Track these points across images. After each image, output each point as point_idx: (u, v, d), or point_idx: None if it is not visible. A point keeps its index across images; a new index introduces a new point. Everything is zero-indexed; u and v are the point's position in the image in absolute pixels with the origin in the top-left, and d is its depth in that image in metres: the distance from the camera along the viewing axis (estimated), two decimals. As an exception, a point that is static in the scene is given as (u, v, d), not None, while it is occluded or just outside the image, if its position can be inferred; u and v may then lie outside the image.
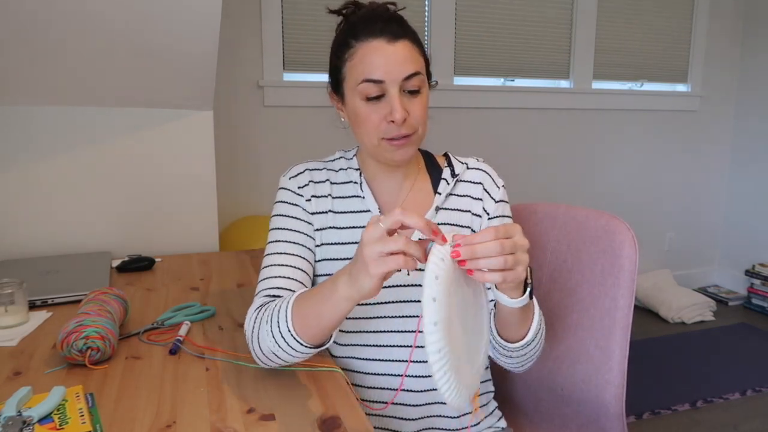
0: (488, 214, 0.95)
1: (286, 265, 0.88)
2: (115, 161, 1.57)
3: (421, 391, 0.91)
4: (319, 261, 0.93)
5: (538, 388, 1.08)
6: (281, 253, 0.90)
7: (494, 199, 0.96)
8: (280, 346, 0.76)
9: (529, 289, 0.74)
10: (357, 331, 0.91)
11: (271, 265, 0.89)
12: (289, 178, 0.96)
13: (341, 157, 0.99)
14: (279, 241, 0.91)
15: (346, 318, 0.91)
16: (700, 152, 3.41)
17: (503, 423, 1.01)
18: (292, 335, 0.75)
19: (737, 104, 3.43)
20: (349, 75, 0.86)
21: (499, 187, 0.97)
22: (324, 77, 0.94)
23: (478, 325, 0.69)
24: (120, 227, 1.59)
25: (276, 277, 0.87)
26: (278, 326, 0.76)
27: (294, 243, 0.91)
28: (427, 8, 2.64)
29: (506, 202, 0.98)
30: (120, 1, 1.28)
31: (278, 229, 0.93)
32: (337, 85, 0.89)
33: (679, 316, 2.98)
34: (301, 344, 0.75)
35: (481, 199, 0.95)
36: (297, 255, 0.90)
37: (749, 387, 2.31)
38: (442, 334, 0.56)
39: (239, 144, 2.43)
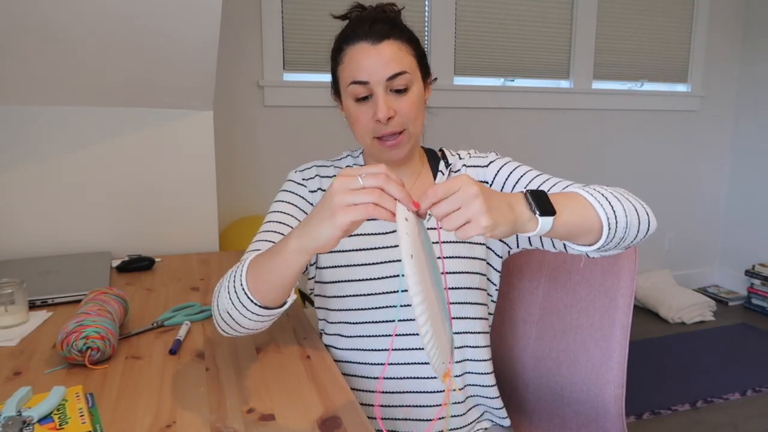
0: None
1: (271, 242, 0.88)
2: (115, 161, 1.57)
3: (437, 391, 0.92)
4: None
5: (537, 388, 1.08)
6: (269, 231, 0.90)
7: (489, 183, 0.96)
8: (233, 304, 0.74)
9: (538, 213, 0.66)
10: (361, 322, 0.92)
11: (256, 241, 0.89)
12: (296, 172, 0.99)
13: (348, 156, 1.02)
14: (271, 221, 0.92)
15: (348, 309, 0.92)
16: (700, 152, 3.41)
17: (507, 422, 1.01)
18: (244, 291, 0.73)
19: (737, 104, 3.43)
20: (341, 78, 0.89)
21: (487, 165, 0.97)
22: (324, 77, 0.97)
23: (440, 299, 0.65)
24: (120, 227, 1.59)
25: (256, 251, 0.86)
26: (233, 282, 0.75)
27: (285, 224, 0.92)
28: (427, 8, 2.64)
29: (502, 164, 0.97)
30: (121, 2, 1.28)
31: (274, 212, 0.95)
32: (335, 87, 0.93)
33: (679, 316, 2.98)
34: (252, 301, 0.73)
35: None
36: (283, 234, 0.89)
37: (749, 387, 2.31)
38: (417, 268, 0.54)
39: (239, 144, 2.43)
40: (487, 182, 0.97)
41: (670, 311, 3.00)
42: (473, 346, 0.95)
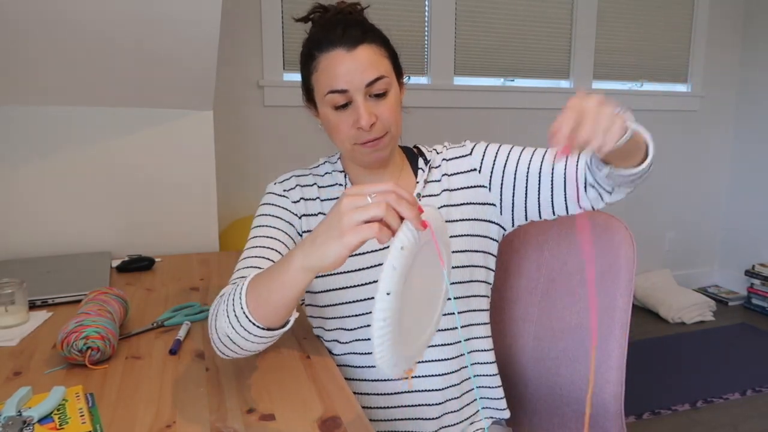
0: (489, 184, 0.95)
1: (262, 257, 0.87)
2: (115, 161, 1.57)
3: (436, 390, 0.92)
4: None
5: (537, 387, 1.08)
6: (258, 247, 0.89)
7: (477, 169, 0.96)
8: (233, 327, 0.72)
9: (630, 129, 0.65)
10: (357, 327, 0.92)
11: (247, 257, 0.88)
12: (275, 184, 0.98)
13: (326, 162, 1.01)
14: (258, 237, 0.91)
15: (344, 317, 0.92)
16: (700, 152, 3.41)
17: (506, 414, 1.01)
18: (244, 313, 0.70)
19: (737, 104, 3.43)
20: (316, 86, 0.88)
21: (471, 153, 0.98)
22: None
23: (430, 312, 0.67)
24: (120, 227, 1.60)
25: (249, 267, 0.85)
26: (233, 305, 0.72)
27: (273, 238, 0.90)
28: (427, 8, 2.64)
29: (485, 146, 0.98)
30: (121, 3, 1.28)
31: (259, 226, 0.93)
32: (309, 94, 0.92)
33: (679, 316, 2.98)
34: (254, 324, 0.70)
35: (475, 186, 0.96)
36: (274, 249, 0.89)
37: (749, 387, 2.31)
38: (392, 305, 0.56)
39: (239, 144, 2.43)
40: (475, 169, 0.96)
41: (670, 311, 3.00)
42: (477, 338, 0.96)
